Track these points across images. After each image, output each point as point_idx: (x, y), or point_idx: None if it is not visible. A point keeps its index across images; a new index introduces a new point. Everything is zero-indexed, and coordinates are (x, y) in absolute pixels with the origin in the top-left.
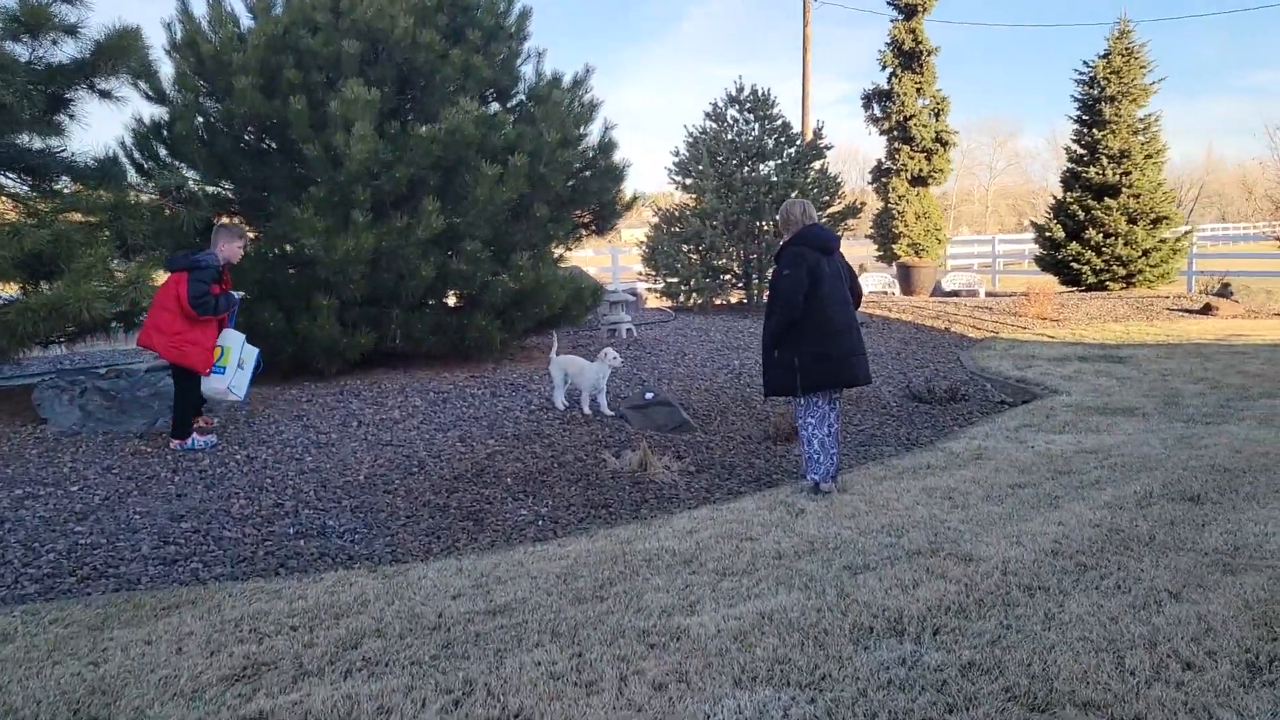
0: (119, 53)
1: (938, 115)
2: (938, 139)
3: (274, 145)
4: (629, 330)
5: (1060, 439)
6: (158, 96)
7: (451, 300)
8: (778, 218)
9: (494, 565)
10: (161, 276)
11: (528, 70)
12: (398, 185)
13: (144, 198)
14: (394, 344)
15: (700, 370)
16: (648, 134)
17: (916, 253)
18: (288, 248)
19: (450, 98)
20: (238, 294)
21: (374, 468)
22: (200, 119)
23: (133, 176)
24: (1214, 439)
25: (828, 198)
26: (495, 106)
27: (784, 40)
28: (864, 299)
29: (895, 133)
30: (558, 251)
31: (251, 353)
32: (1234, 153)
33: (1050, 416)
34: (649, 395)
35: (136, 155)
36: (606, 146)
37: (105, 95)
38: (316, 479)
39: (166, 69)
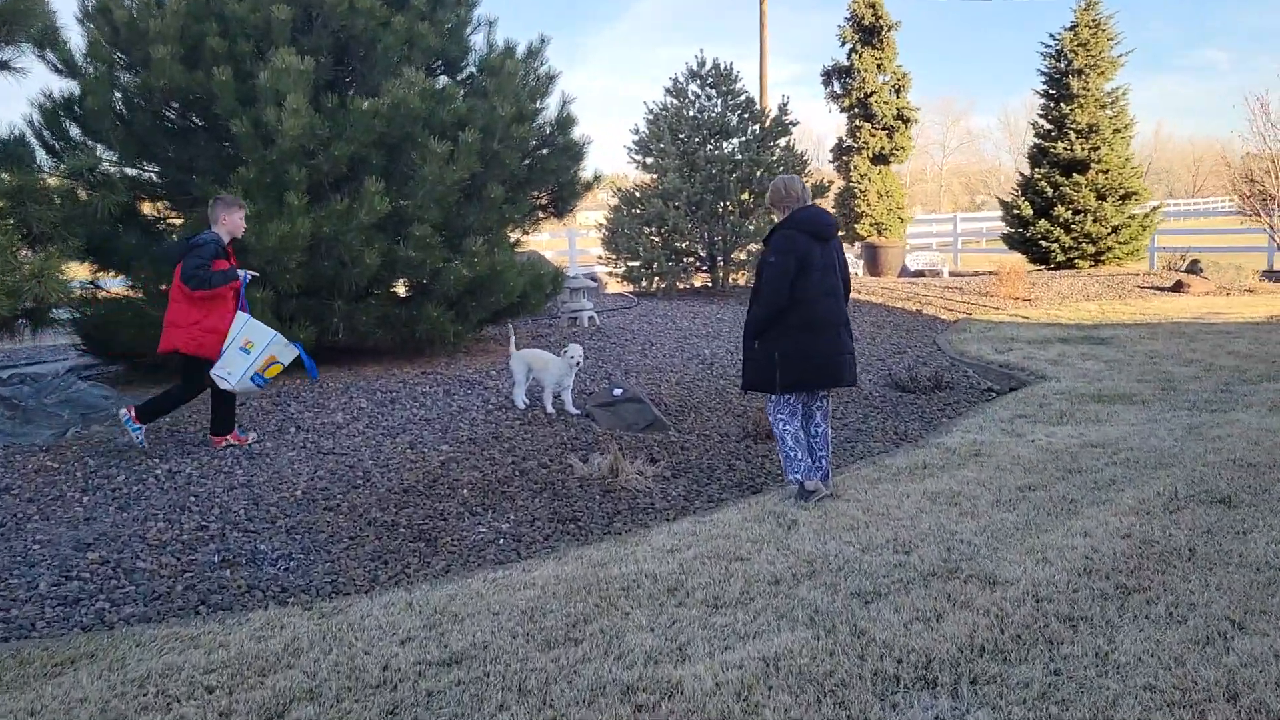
0: (15, 16)
1: (898, 92)
2: (899, 116)
3: (199, 122)
4: (591, 318)
5: (1060, 431)
6: (67, 69)
7: (401, 290)
8: (768, 195)
9: (449, 598)
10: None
11: (478, 40)
12: (336, 164)
13: (52, 181)
14: (336, 339)
15: (669, 361)
16: (605, 117)
17: (879, 232)
18: None
19: (394, 69)
20: (245, 272)
21: (313, 481)
22: (117, 94)
23: (42, 158)
24: (1225, 429)
25: None
26: (444, 80)
27: (740, 21)
28: None
29: (856, 110)
30: (514, 236)
31: (264, 334)
32: (1181, 130)
33: (1044, 405)
34: (617, 391)
35: (47, 134)
36: (564, 122)
37: (2, 66)
38: (247, 496)
39: (77, 39)
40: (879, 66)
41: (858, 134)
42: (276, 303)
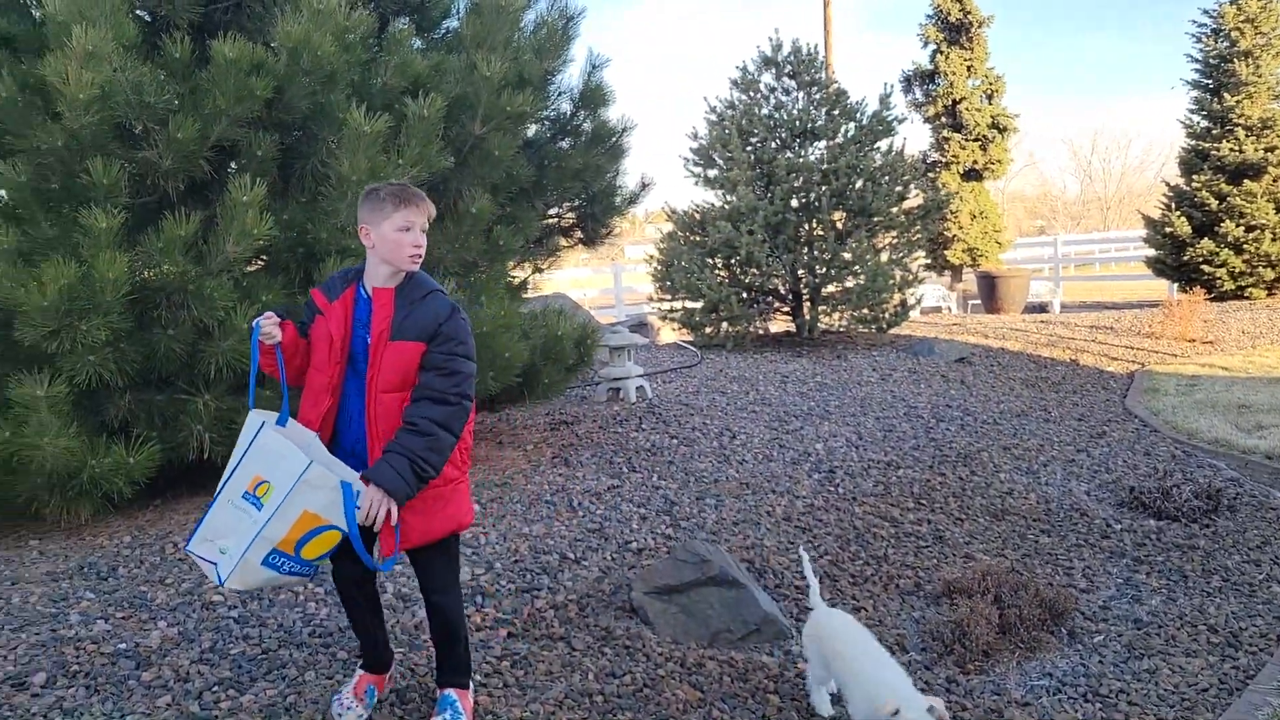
0: None
1: (991, 97)
2: (994, 125)
3: None
4: (640, 389)
5: None
6: None
7: None
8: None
9: None
10: None
11: None
12: (185, 156)
13: None
14: (201, 458)
15: (765, 468)
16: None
17: (974, 259)
18: None
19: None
20: (259, 320)
21: None
22: None
23: None
24: None
25: (901, 188)
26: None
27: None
28: (934, 321)
29: (942, 119)
30: (520, 274)
31: (292, 462)
32: None
33: None
34: (688, 554)
35: None
36: (593, 95)
37: None
38: None
39: None
40: (969, 69)
41: (945, 146)
42: (84, 402)
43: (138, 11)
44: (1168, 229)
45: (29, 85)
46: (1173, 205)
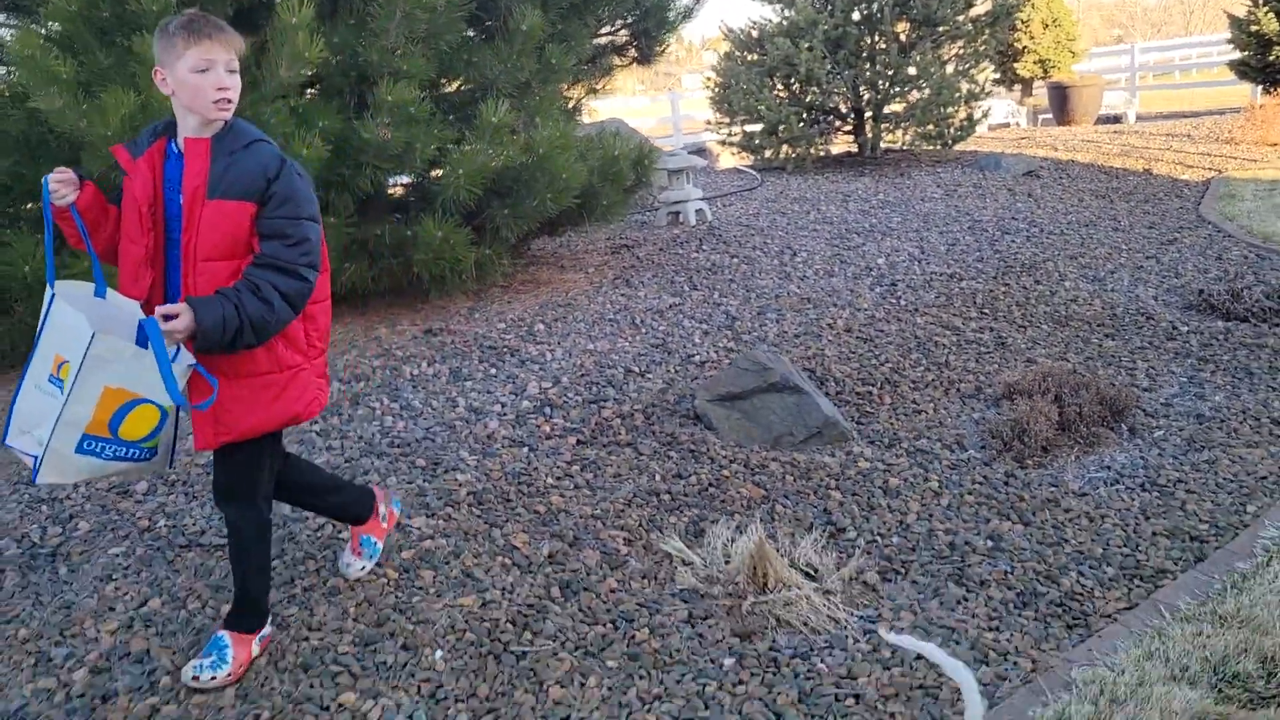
0: None
1: None
2: None
3: None
4: (700, 212)
5: None
6: None
7: (398, 190)
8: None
9: None
10: None
11: None
12: None
13: None
14: None
15: (826, 283)
16: None
17: (1045, 70)
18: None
19: None
20: (49, 175)
21: None
22: None
23: None
24: None
25: None
26: None
27: None
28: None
29: None
30: (574, 95)
31: (77, 329)
32: None
33: None
34: (749, 363)
35: None
36: None
37: None
38: None
39: None
40: None
41: None
42: None
43: None
44: (1253, 27)
45: None
46: (1259, 1)
